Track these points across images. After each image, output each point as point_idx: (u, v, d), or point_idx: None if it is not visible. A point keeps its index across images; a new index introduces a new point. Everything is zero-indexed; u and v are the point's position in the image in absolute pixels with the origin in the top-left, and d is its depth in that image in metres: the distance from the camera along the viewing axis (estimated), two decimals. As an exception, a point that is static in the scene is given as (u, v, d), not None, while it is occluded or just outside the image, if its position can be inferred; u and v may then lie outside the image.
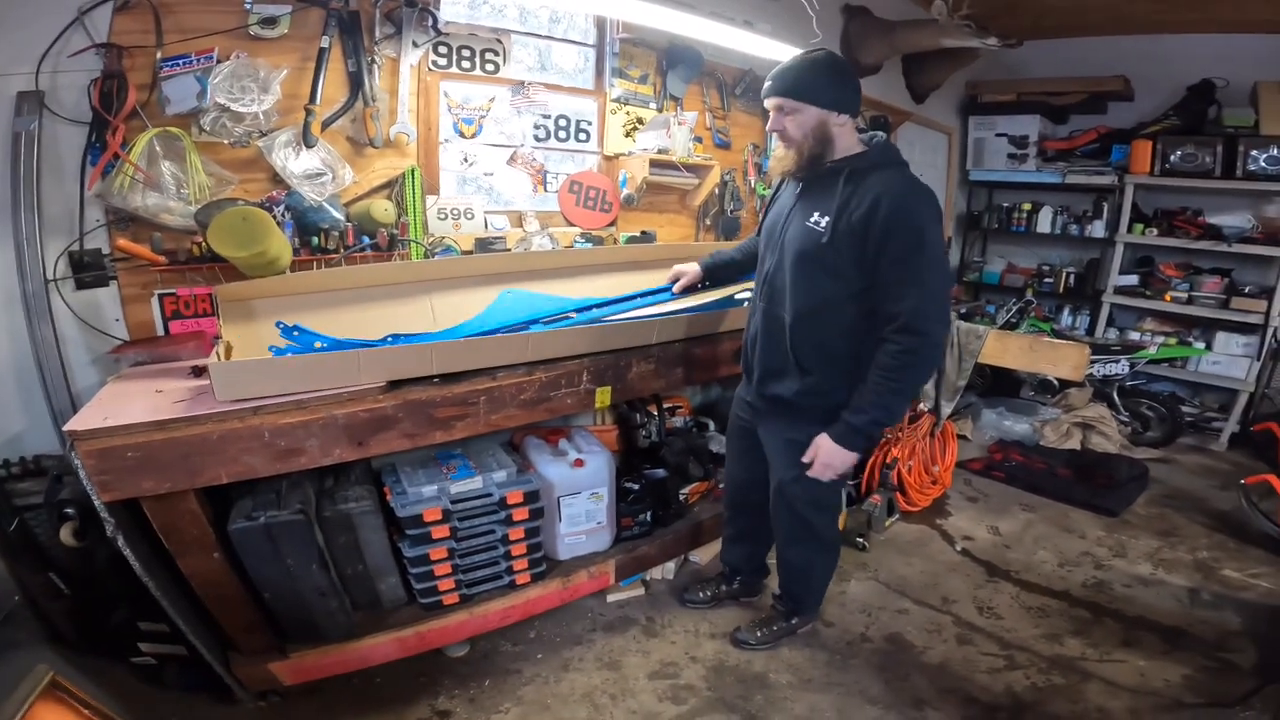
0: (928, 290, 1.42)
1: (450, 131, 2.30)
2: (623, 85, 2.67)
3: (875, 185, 1.42)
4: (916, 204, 1.42)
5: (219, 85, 1.73)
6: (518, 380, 1.63)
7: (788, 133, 1.49)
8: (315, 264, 1.82)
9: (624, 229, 2.75)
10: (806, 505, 1.80)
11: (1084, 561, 2.60)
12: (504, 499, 1.84)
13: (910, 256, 1.41)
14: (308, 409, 1.39)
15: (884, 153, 1.49)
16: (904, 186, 1.43)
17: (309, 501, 1.65)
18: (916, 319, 1.42)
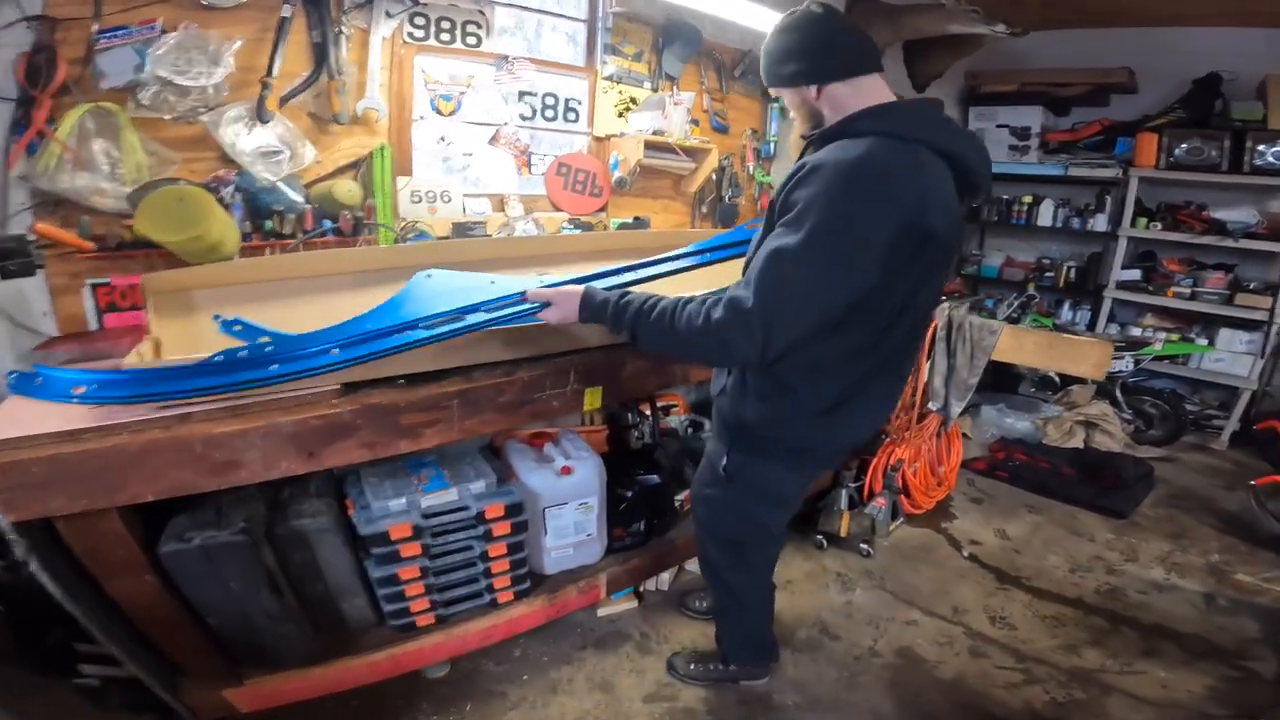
0: (786, 283, 1.05)
1: (426, 108, 2.12)
2: (616, 62, 2.51)
3: (815, 156, 1.12)
4: (835, 174, 1.04)
5: (162, 58, 1.57)
6: (496, 381, 1.45)
7: (788, 110, 1.34)
8: (269, 250, 1.64)
9: (615, 215, 2.60)
10: (708, 534, 1.62)
11: (1096, 566, 2.54)
12: (482, 513, 1.68)
13: (789, 229, 1.06)
14: (246, 416, 1.22)
15: (855, 121, 1.13)
16: (838, 155, 1.07)
17: (255, 518, 1.48)
18: (744, 301, 1.06)
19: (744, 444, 1.38)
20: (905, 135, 1.10)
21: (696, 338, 1.12)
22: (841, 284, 1.08)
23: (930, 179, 1.11)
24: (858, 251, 1.05)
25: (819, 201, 1.04)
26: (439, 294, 1.36)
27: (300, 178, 1.79)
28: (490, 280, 1.38)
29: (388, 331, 1.26)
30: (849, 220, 1.04)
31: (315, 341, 1.22)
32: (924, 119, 1.15)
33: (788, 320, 1.07)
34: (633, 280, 1.48)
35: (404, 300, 1.34)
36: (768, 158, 3.18)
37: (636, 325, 1.20)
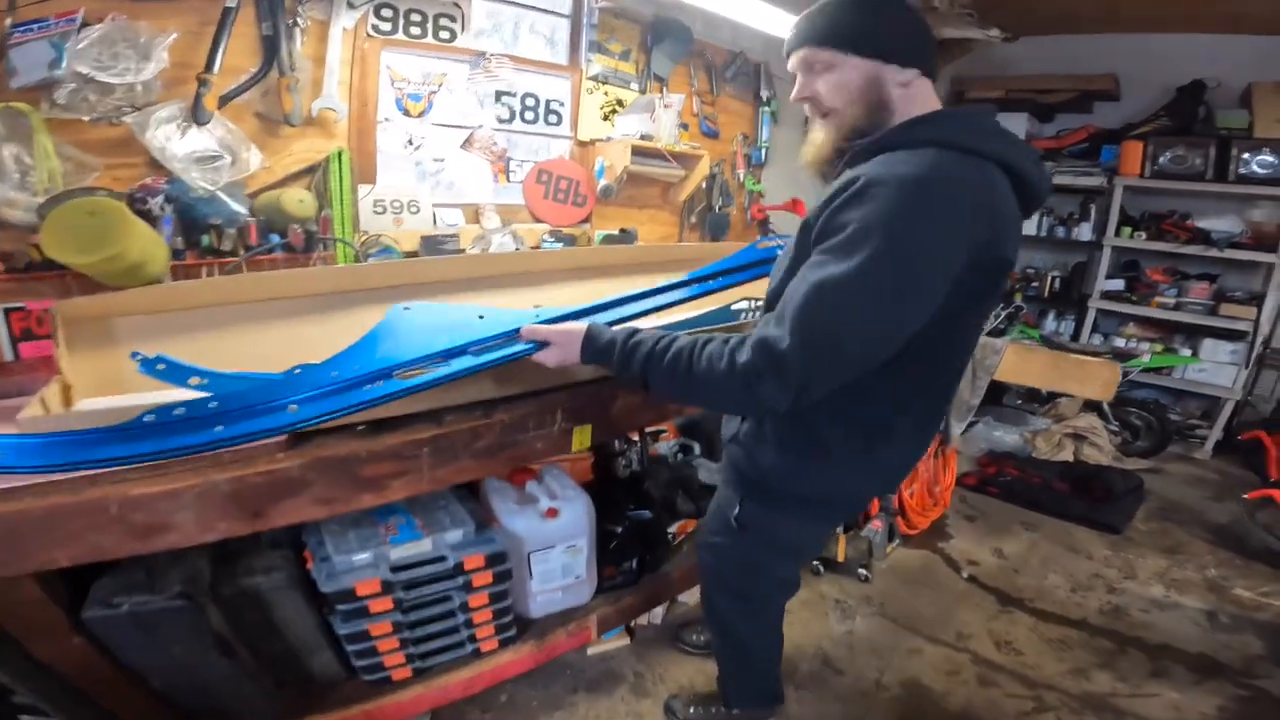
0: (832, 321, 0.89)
1: (392, 109, 1.93)
2: (601, 61, 2.34)
3: (865, 169, 0.93)
4: (899, 193, 0.87)
5: (83, 52, 1.37)
6: (472, 424, 1.27)
7: (820, 99, 1.01)
8: (205, 270, 1.42)
9: (599, 226, 2.44)
10: (715, 583, 1.49)
11: (1096, 585, 2.51)
12: (460, 564, 1.51)
13: (835, 256, 0.89)
14: (172, 475, 1.03)
15: (912, 129, 0.96)
16: (898, 169, 0.89)
17: (197, 578, 1.30)
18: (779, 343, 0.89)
19: (760, 494, 1.23)
20: (970, 147, 0.93)
21: (719, 385, 0.96)
22: (897, 324, 0.92)
23: (1001, 200, 0.95)
24: (921, 286, 0.90)
25: (878, 225, 0.86)
26: (418, 332, 1.16)
27: (245, 186, 1.58)
28: (478, 314, 1.19)
29: (358, 382, 1.06)
30: (915, 249, 0.87)
31: (269, 394, 1.02)
32: (986, 128, 0.98)
33: (830, 365, 0.91)
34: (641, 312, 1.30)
35: (377, 340, 1.14)
36: (759, 164, 3.04)
37: (649, 370, 1.03)
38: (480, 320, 1.19)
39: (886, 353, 0.94)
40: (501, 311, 1.22)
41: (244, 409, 1.01)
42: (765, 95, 2.98)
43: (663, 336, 1.05)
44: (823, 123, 1.05)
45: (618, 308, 1.32)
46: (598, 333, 1.11)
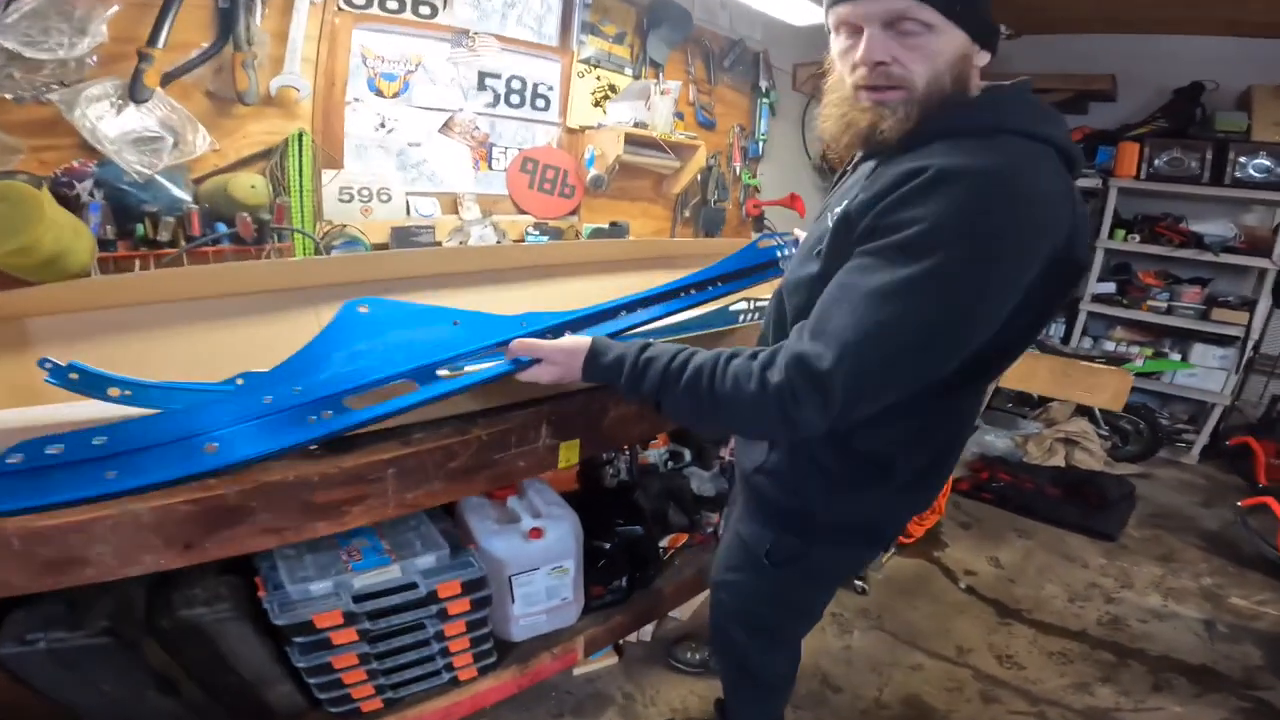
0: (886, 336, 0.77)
1: (364, 89, 1.76)
2: (595, 44, 2.20)
3: (927, 156, 0.79)
4: (977, 189, 0.74)
5: (10, 27, 1.22)
6: (444, 442, 1.12)
7: (901, 69, 0.81)
8: (139, 263, 1.25)
9: (589, 219, 2.30)
10: (735, 620, 1.36)
11: (1093, 595, 2.51)
12: (434, 592, 1.37)
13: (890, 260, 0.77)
14: (81, 506, 0.88)
15: (978, 112, 0.82)
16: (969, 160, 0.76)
17: (128, 609, 1.17)
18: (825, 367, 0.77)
19: (799, 528, 1.10)
20: (1039, 133, 0.80)
21: (747, 408, 0.83)
22: (963, 341, 0.80)
23: (1076, 195, 0.83)
24: (996, 299, 0.78)
25: (952, 226, 0.74)
26: (377, 339, 0.98)
27: (189, 170, 1.41)
28: (453, 319, 1.01)
29: (298, 408, 0.89)
30: (993, 256, 0.75)
31: (182, 426, 0.85)
32: (1045, 109, 0.86)
33: (878, 386, 0.80)
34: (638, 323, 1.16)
35: (324, 351, 0.95)
36: (755, 158, 2.91)
37: (663, 392, 0.90)
38: (455, 327, 1.02)
39: (943, 372, 0.82)
40: (481, 316, 1.06)
41: (145, 449, 0.83)
42: (764, 86, 2.85)
43: (679, 352, 0.91)
44: (885, 99, 0.83)
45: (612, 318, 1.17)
46: (604, 348, 0.96)
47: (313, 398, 0.91)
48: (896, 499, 1.08)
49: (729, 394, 0.84)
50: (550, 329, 1.12)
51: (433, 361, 1.00)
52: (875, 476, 1.02)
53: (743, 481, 1.20)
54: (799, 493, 1.06)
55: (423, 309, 1.02)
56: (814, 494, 1.05)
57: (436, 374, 1.01)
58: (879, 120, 0.84)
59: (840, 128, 0.88)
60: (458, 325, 1.02)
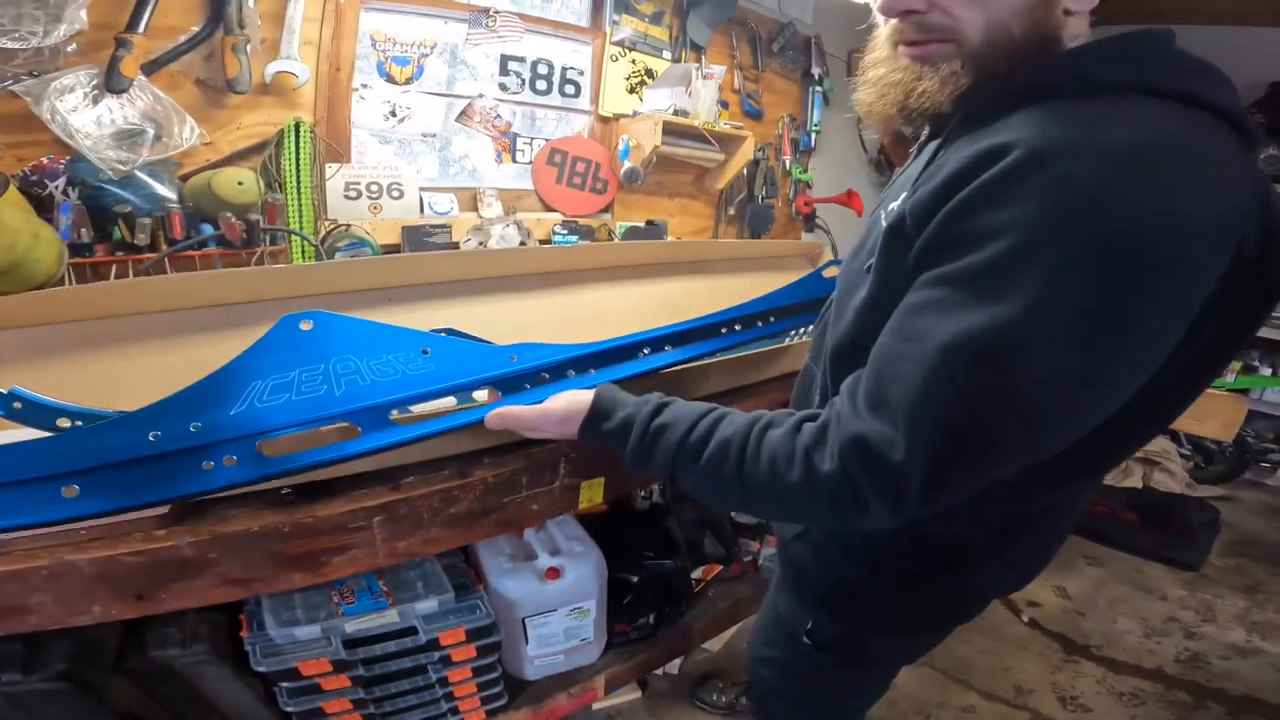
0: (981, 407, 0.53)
1: (373, 74, 1.62)
2: (629, 24, 2.02)
3: (1008, 129, 0.55)
4: (1100, 177, 0.49)
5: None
6: (441, 487, 0.96)
7: (946, 14, 0.58)
8: (115, 270, 1.13)
9: (622, 217, 2.12)
10: (779, 697, 1.15)
11: (1172, 630, 2.30)
12: (435, 640, 1.24)
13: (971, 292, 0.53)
14: (9, 555, 0.77)
15: (1094, 64, 0.57)
16: (1077, 135, 0.51)
17: (89, 650, 1.07)
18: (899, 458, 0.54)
19: (842, 610, 0.88)
20: (1188, 92, 0.54)
21: (787, 501, 0.62)
22: (1100, 402, 0.55)
23: (1263, 181, 0.55)
24: (1139, 340, 0.52)
25: (1059, 236, 0.49)
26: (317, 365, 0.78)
27: (177, 166, 1.29)
28: (422, 345, 0.81)
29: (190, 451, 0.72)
30: (1132, 276, 0.49)
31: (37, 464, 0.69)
32: (1195, 60, 0.58)
33: (972, 476, 0.56)
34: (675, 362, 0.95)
35: (240, 379, 0.75)
36: (807, 150, 2.68)
37: (678, 469, 0.70)
38: (424, 356, 0.81)
39: (1070, 441, 0.57)
40: (458, 344, 0.86)
41: None
42: (817, 73, 2.62)
43: (701, 417, 0.70)
44: (925, 55, 0.61)
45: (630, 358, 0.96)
46: (607, 408, 0.76)
47: (213, 439, 0.72)
48: (978, 585, 0.84)
49: (763, 481, 0.63)
50: (548, 367, 0.91)
51: (385, 400, 0.80)
52: (946, 567, 0.78)
53: (780, 545, 0.97)
54: (846, 572, 0.84)
55: (384, 329, 0.80)
56: (859, 576, 0.82)
57: (389, 417, 0.81)
58: (916, 80, 0.61)
59: (875, 94, 0.66)
60: (427, 355, 0.82)
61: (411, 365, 0.81)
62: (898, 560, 0.79)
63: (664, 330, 1.03)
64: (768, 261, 1.85)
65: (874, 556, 0.81)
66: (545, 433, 0.82)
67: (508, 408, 0.82)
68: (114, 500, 0.72)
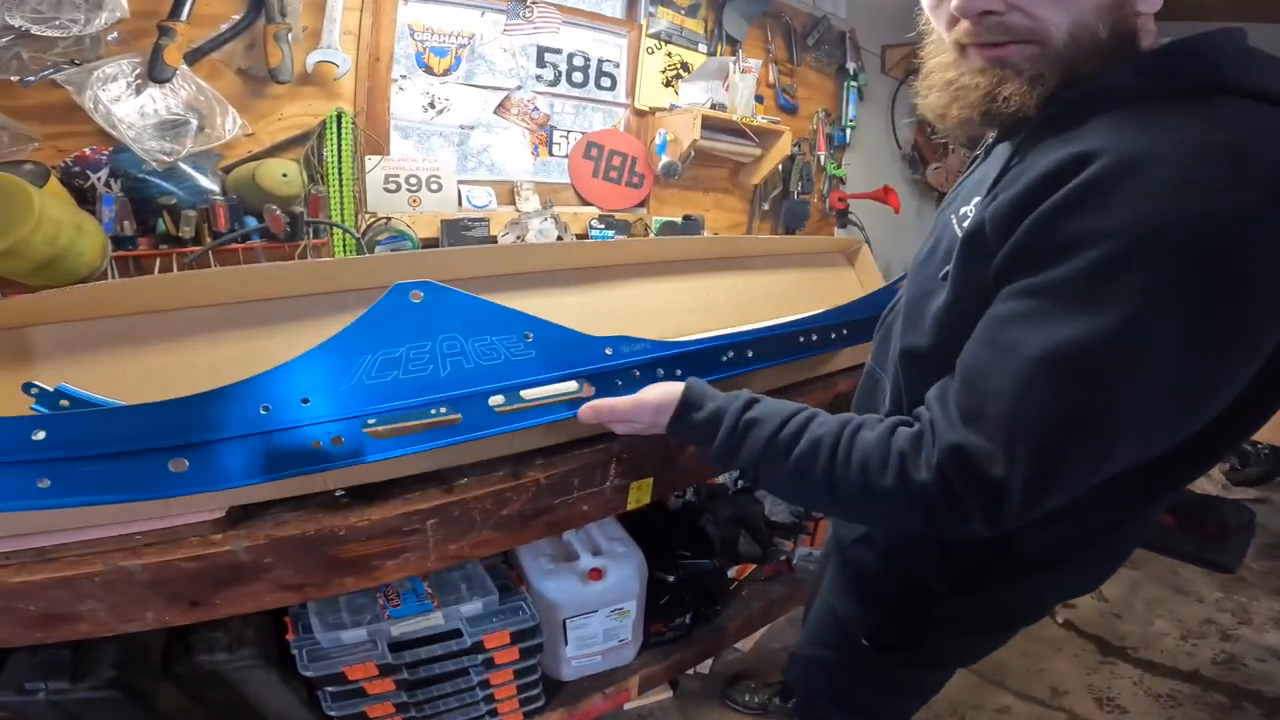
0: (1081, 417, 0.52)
1: (411, 65, 1.60)
2: (666, 16, 1.98)
3: (1093, 135, 0.53)
4: (1190, 182, 0.48)
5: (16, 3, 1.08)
6: (494, 489, 0.94)
7: (1028, 15, 0.56)
8: (159, 263, 1.11)
9: (658, 211, 2.08)
10: (827, 698, 1.14)
11: (1209, 632, 2.27)
12: (480, 642, 1.23)
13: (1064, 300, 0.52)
14: (61, 561, 0.77)
15: (1178, 63, 0.55)
16: (1171, 140, 0.50)
17: (137, 657, 1.08)
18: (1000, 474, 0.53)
19: (910, 613, 0.85)
20: (1272, 91, 0.52)
21: (878, 506, 0.61)
22: (1192, 413, 0.54)
23: None
24: (1239, 349, 0.51)
25: (1155, 244, 0.48)
26: (424, 343, 0.75)
27: (219, 158, 1.27)
28: (526, 329, 0.78)
29: (302, 427, 0.68)
30: (1231, 280, 0.48)
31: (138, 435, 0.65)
32: (1270, 58, 0.56)
33: (1071, 486, 0.55)
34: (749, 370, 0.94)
35: (349, 353, 0.72)
36: (841, 145, 2.63)
37: (764, 466, 0.69)
38: (527, 341, 0.79)
39: (1164, 448, 0.56)
40: (561, 332, 0.83)
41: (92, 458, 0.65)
42: (851, 68, 2.57)
43: (793, 415, 0.69)
44: (1004, 56, 0.58)
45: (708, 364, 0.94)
46: (697, 400, 0.75)
47: (322, 417, 0.70)
48: (1050, 589, 0.83)
49: (854, 483, 0.62)
50: (640, 364, 0.89)
51: (488, 387, 0.78)
52: (1027, 571, 0.76)
53: (837, 547, 0.96)
54: (913, 574, 0.82)
55: (492, 308, 0.79)
56: (935, 579, 0.81)
57: (488, 404, 0.79)
58: (999, 85, 0.58)
59: (947, 99, 0.63)
60: (529, 340, 0.79)
61: (514, 350, 0.79)
62: (976, 565, 0.78)
63: (745, 336, 1.01)
64: (805, 258, 1.80)
65: (950, 561, 0.79)
66: (637, 424, 0.81)
67: (602, 400, 0.82)
68: (222, 479, 0.71)
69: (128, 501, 0.69)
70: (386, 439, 0.73)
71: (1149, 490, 0.68)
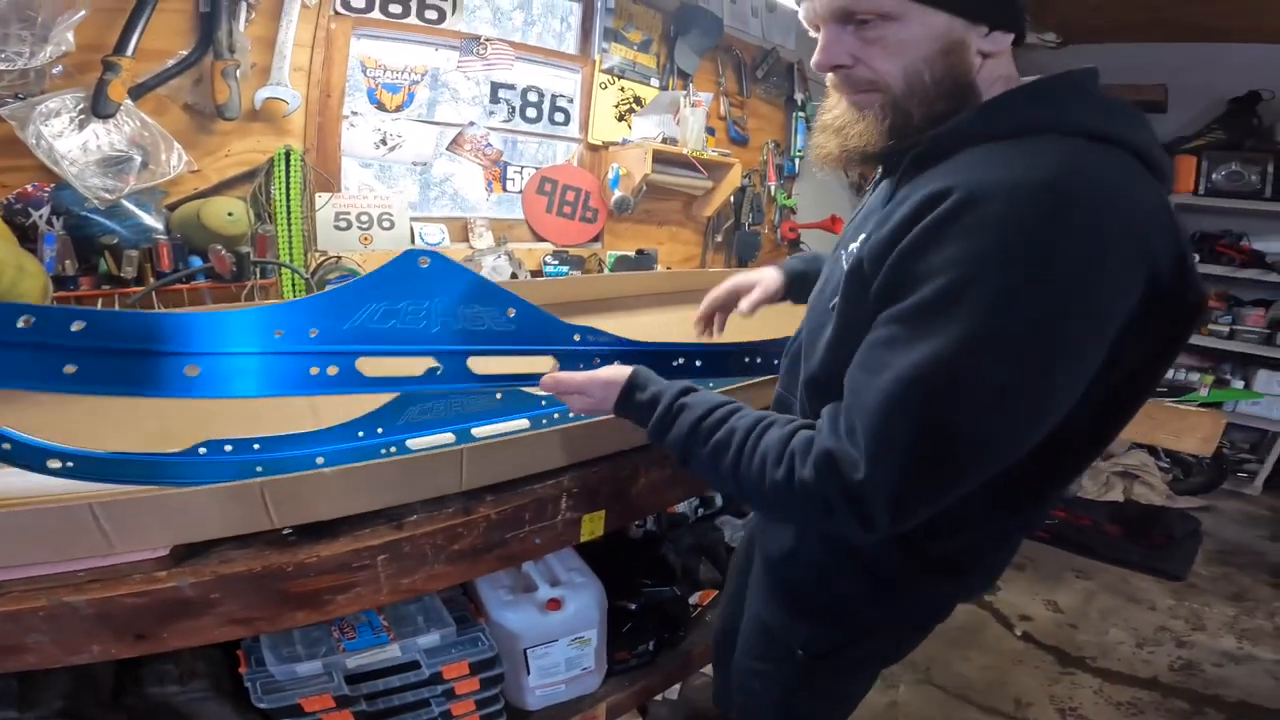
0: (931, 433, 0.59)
1: (363, 101, 1.61)
2: (619, 52, 2.04)
3: (949, 173, 0.61)
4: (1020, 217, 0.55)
5: None
6: (444, 525, 0.95)
7: (865, 69, 0.66)
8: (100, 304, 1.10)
9: (612, 246, 2.11)
10: (769, 710, 1.18)
11: (1163, 639, 2.35)
12: (438, 673, 1.23)
13: (921, 328, 0.59)
14: (5, 596, 0.76)
15: (1022, 105, 0.64)
16: (1008, 175, 0.57)
17: (87, 687, 1.07)
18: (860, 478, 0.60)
19: (840, 621, 0.93)
20: (1111, 134, 0.60)
21: (772, 498, 0.70)
22: (1034, 423, 0.61)
23: (1175, 215, 0.61)
24: (1071, 360, 0.59)
25: (993, 269, 0.55)
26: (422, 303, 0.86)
27: (164, 194, 1.25)
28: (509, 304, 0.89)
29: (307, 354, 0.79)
30: (1060, 302, 0.56)
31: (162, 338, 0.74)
32: (1111, 100, 0.64)
33: (928, 494, 0.63)
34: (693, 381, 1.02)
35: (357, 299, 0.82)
36: (791, 175, 2.73)
37: (687, 448, 0.77)
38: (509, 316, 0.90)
39: (1011, 461, 0.63)
40: (539, 313, 0.94)
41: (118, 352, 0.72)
42: (800, 98, 2.69)
43: (719, 406, 0.76)
44: (859, 101, 0.69)
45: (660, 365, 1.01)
46: (643, 382, 0.82)
47: (326, 348, 0.81)
48: (959, 590, 0.92)
49: (754, 474, 0.70)
50: (603, 353, 1.01)
51: (469, 348, 0.89)
52: (938, 576, 0.84)
53: (765, 565, 1.00)
54: (840, 586, 0.89)
55: (485, 283, 0.89)
56: (860, 589, 0.88)
57: (466, 363, 0.90)
58: (855, 124, 0.70)
59: (824, 137, 0.74)
60: (511, 315, 0.91)
61: (497, 322, 0.90)
62: (895, 575, 0.84)
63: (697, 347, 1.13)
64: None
65: (871, 574, 0.85)
66: (589, 398, 0.87)
67: (561, 373, 0.89)
68: (230, 387, 0.79)
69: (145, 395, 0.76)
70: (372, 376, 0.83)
71: (1038, 494, 0.77)
